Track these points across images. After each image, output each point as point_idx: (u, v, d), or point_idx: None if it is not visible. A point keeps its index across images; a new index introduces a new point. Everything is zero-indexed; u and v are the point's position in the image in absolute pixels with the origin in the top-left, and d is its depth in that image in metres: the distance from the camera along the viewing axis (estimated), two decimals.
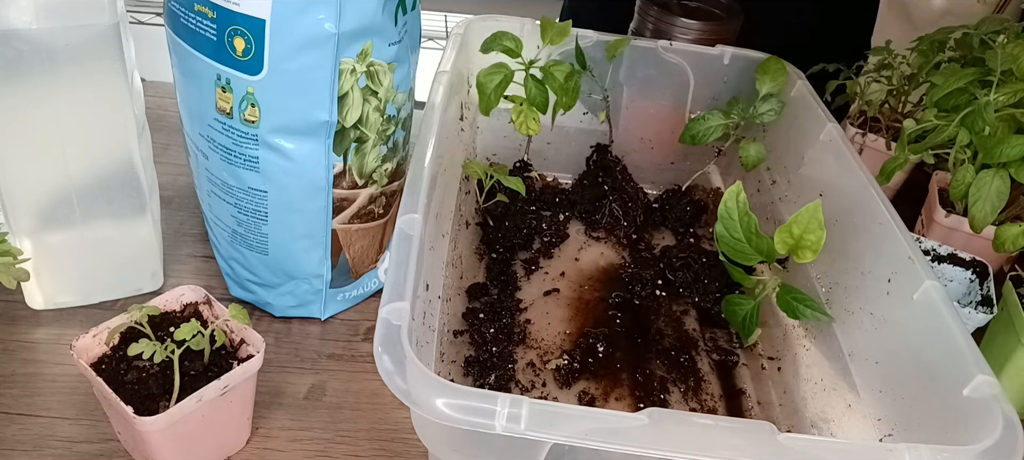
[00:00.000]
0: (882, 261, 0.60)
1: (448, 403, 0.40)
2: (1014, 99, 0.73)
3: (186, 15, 0.57)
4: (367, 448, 0.59)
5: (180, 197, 0.80)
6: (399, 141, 0.66)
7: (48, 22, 0.54)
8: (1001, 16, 0.91)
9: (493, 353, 0.65)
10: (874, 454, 0.43)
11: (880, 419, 0.56)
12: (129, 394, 0.51)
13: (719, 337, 0.71)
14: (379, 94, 0.60)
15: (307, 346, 0.67)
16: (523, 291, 0.73)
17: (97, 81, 0.58)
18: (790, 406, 0.64)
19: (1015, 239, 0.70)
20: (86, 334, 0.53)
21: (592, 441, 0.40)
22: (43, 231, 0.62)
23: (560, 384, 0.64)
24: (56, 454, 0.55)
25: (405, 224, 0.51)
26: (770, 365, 0.68)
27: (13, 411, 0.58)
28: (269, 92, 0.57)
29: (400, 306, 0.45)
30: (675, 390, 0.65)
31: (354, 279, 0.69)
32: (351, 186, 0.63)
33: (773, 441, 0.41)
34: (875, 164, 0.88)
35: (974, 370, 0.47)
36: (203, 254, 0.74)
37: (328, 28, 0.55)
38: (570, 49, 0.78)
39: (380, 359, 0.42)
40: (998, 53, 0.75)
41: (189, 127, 0.64)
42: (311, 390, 0.63)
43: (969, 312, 0.68)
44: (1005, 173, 0.71)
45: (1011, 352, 0.65)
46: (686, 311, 0.73)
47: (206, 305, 0.58)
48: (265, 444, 0.58)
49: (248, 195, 0.62)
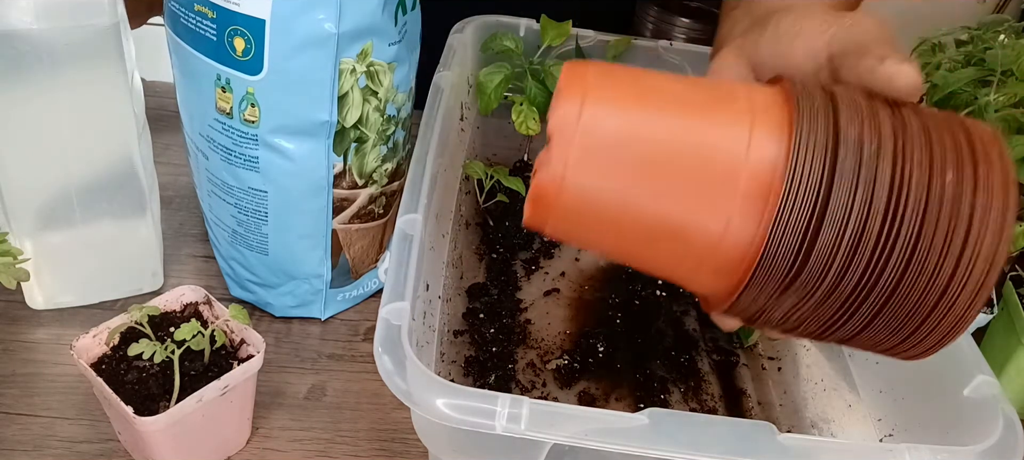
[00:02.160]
0: None
1: (448, 403, 0.40)
2: (1014, 99, 0.73)
3: (186, 15, 0.57)
4: (367, 448, 0.59)
5: (180, 197, 0.80)
6: (399, 141, 0.66)
7: (48, 22, 0.54)
8: (1001, 16, 0.91)
9: (493, 353, 0.65)
10: (874, 454, 0.43)
11: (880, 419, 0.56)
12: (129, 394, 0.51)
13: (719, 337, 0.71)
14: (379, 94, 0.60)
15: (307, 346, 0.67)
16: (523, 291, 0.73)
17: (97, 81, 0.58)
18: (790, 406, 0.64)
19: (1015, 239, 0.70)
20: (86, 334, 0.53)
21: (592, 441, 0.40)
22: (43, 231, 0.62)
23: (560, 384, 0.64)
24: (56, 454, 0.55)
25: (405, 224, 0.51)
26: (770, 365, 0.68)
27: (13, 411, 0.58)
28: (269, 92, 0.57)
29: (400, 306, 0.45)
30: (675, 390, 0.65)
31: (354, 279, 0.69)
32: (351, 186, 0.63)
33: (773, 441, 0.41)
34: None
35: (974, 370, 0.47)
36: (203, 254, 0.74)
37: (328, 28, 0.55)
38: (570, 49, 0.78)
39: (380, 359, 0.42)
40: (998, 53, 0.75)
41: (189, 127, 0.64)
42: (311, 390, 0.63)
43: None
44: None
45: (1011, 352, 0.65)
46: (686, 311, 0.73)
47: (206, 305, 0.58)
48: (265, 444, 0.58)
49: (248, 195, 0.62)
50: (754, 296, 0.37)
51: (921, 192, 0.34)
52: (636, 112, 0.37)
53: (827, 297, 0.36)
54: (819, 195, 0.34)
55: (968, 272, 0.35)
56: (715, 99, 0.38)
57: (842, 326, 0.37)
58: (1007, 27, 0.81)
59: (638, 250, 0.40)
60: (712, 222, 0.36)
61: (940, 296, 0.35)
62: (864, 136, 0.35)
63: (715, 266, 0.38)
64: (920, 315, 0.36)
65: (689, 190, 0.36)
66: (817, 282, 0.35)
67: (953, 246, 0.34)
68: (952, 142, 0.36)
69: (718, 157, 0.36)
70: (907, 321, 0.36)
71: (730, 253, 0.37)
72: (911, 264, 0.35)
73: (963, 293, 0.35)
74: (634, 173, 0.36)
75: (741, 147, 0.36)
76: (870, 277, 0.35)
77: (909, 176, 0.34)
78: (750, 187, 0.36)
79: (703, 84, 0.41)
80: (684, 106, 0.37)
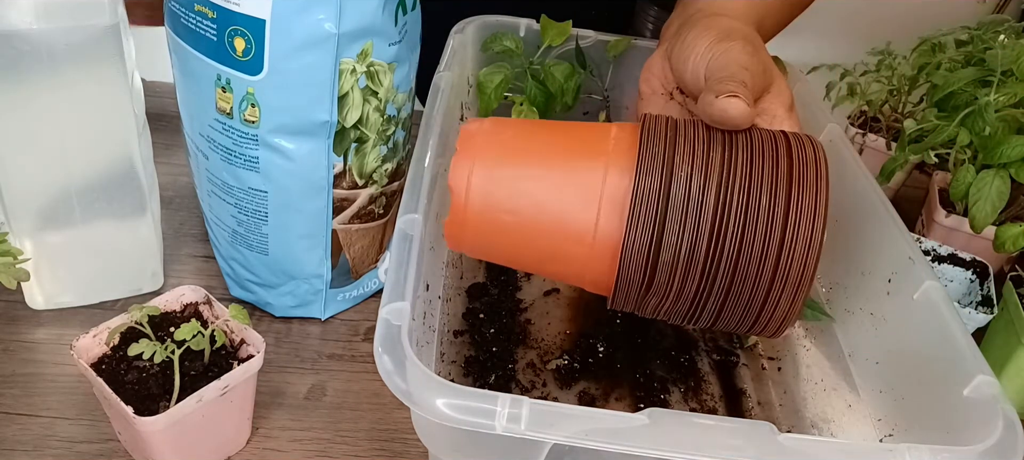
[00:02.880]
0: (882, 261, 0.59)
1: (448, 403, 0.40)
2: (1014, 99, 0.73)
3: (186, 15, 0.57)
4: (367, 448, 0.59)
5: (180, 197, 0.80)
6: (399, 141, 0.66)
7: (48, 23, 0.54)
8: (1001, 16, 0.91)
9: (493, 353, 0.65)
10: (874, 454, 0.43)
11: (880, 419, 0.56)
12: (129, 394, 0.51)
13: (719, 337, 0.71)
14: (379, 94, 0.60)
15: (307, 346, 0.67)
16: (523, 291, 0.73)
17: (97, 81, 0.58)
18: (790, 406, 0.64)
19: (1015, 239, 0.70)
20: (86, 334, 0.53)
21: (592, 441, 0.40)
22: (43, 231, 0.62)
23: (560, 384, 0.64)
24: (56, 454, 0.55)
25: (405, 224, 0.51)
26: (770, 365, 0.68)
27: (13, 411, 0.58)
28: (269, 92, 0.57)
29: (400, 306, 0.45)
30: (675, 390, 0.65)
31: (354, 279, 0.69)
32: (351, 186, 0.63)
33: (773, 441, 0.41)
34: (875, 164, 0.88)
35: (974, 370, 0.47)
36: (203, 254, 0.74)
37: (328, 28, 0.55)
38: (570, 49, 0.78)
39: (380, 359, 0.42)
40: (998, 53, 0.75)
41: (189, 127, 0.64)
42: (311, 390, 0.63)
43: (969, 312, 0.68)
44: (1005, 173, 0.71)
45: (1011, 352, 0.65)
46: None
47: (206, 305, 0.58)
48: (265, 444, 0.58)
49: (248, 195, 0.62)
50: (624, 300, 0.47)
51: (740, 214, 0.43)
52: (511, 174, 0.47)
53: (678, 298, 0.46)
54: (655, 225, 0.44)
55: (785, 274, 0.43)
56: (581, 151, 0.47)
57: (698, 317, 0.47)
58: (1007, 27, 0.81)
59: (535, 268, 0.51)
60: (577, 255, 0.47)
61: (766, 295, 0.44)
62: (693, 171, 0.44)
63: (592, 281, 0.48)
64: (754, 309, 0.45)
65: (556, 236, 0.47)
66: (666, 289, 0.45)
67: (770, 256, 0.43)
68: (771, 169, 0.44)
69: (575, 213, 0.46)
70: (746, 314, 0.45)
71: (597, 273, 0.47)
72: (737, 272, 0.44)
73: (785, 291, 0.44)
74: (515, 224, 0.47)
75: (594, 196, 0.45)
76: (706, 283, 0.44)
77: (730, 202, 0.43)
78: (605, 225, 0.45)
79: (575, 136, 0.49)
80: (551, 165, 0.47)
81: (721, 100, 0.45)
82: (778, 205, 0.43)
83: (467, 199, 0.47)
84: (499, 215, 0.47)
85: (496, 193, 0.46)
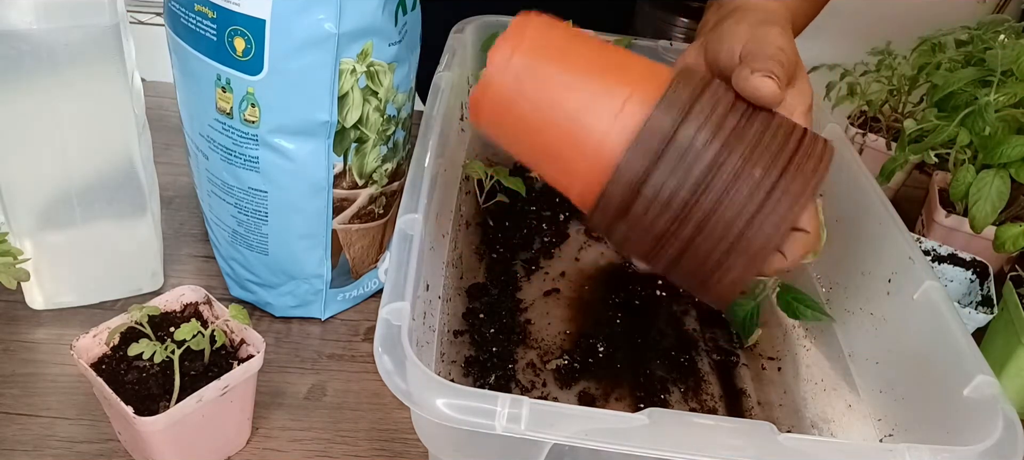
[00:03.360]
0: (882, 261, 0.60)
1: (448, 403, 0.40)
2: (1014, 99, 0.73)
3: (186, 15, 0.57)
4: (367, 448, 0.59)
5: (180, 197, 0.80)
6: (399, 141, 0.66)
7: (48, 23, 0.54)
8: (1001, 16, 0.91)
9: (493, 353, 0.65)
10: (874, 454, 0.43)
11: (880, 419, 0.56)
12: (129, 394, 0.51)
13: (719, 337, 0.71)
14: (379, 94, 0.60)
15: (307, 346, 0.67)
16: (523, 291, 0.73)
17: (97, 81, 0.58)
18: (790, 406, 0.64)
19: (1015, 239, 0.70)
20: (86, 334, 0.53)
21: (592, 441, 0.40)
22: (43, 231, 0.62)
23: (560, 384, 0.64)
24: (56, 454, 0.55)
25: (405, 224, 0.51)
26: (770, 365, 0.68)
27: (13, 411, 0.58)
28: (269, 92, 0.57)
29: (400, 306, 0.45)
30: (675, 390, 0.65)
31: (354, 279, 0.69)
32: (351, 186, 0.63)
33: (773, 441, 0.41)
34: (875, 164, 0.88)
35: (974, 370, 0.47)
36: (203, 254, 0.74)
37: (328, 28, 0.55)
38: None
39: (380, 359, 0.42)
40: (998, 53, 0.75)
41: (189, 127, 0.64)
42: (311, 390, 0.63)
43: (969, 312, 0.68)
44: (1005, 173, 0.71)
45: (1011, 352, 0.65)
46: (686, 311, 0.73)
47: (206, 305, 0.58)
48: (265, 444, 0.58)
49: (248, 195, 0.62)
50: (600, 219, 0.49)
51: (730, 177, 0.44)
52: (546, 72, 0.48)
53: (646, 234, 0.47)
54: (651, 159, 0.45)
55: (748, 244, 0.44)
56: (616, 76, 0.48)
57: (656, 258, 0.48)
58: (1007, 27, 0.81)
59: (532, 162, 0.52)
60: (575, 164, 0.48)
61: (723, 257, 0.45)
62: (705, 124, 0.45)
63: (578, 192, 0.50)
64: (709, 268, 0.46)
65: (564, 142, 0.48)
66: (639, 221, 0.47)
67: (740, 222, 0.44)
68: (777, 149, 0.45)
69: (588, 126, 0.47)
70: (699, 269, 0.47)
71: (586, 186, 0.48)
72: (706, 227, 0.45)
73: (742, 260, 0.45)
74: (532, 116, 0.48)
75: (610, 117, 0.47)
76: (674, 226, 0.46)
77: (725, 163, 0.44)
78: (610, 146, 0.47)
79: (617, 61, 0.50)
80: (585, 80, 0.48)
81: (756, 77, 0.46)
82: (768, 179, 0.44)
83: (500, 78, 0.48)
84: (521, 102, 0.48)
85: (527, 83, 0.48)
